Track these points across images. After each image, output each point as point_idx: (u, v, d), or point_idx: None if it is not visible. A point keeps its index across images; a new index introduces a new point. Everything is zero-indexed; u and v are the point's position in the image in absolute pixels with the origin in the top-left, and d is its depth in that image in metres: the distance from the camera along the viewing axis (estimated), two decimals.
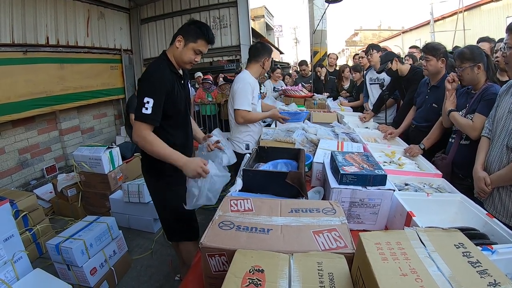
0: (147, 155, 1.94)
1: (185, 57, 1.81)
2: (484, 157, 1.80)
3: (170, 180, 1.94)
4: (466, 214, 1.47)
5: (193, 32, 1.79)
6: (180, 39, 1.79)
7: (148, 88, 1.71)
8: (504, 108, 1.70)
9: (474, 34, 11.88)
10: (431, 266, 0.69)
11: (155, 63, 1.82)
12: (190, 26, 1.81)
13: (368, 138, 2.75)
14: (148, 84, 1.72)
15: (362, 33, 32.56)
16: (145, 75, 1.77)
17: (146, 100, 1.67)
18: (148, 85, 1.72)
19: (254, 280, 0.75)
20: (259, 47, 2.71)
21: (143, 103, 1.67)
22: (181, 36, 1.79)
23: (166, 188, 1.99)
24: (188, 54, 1.81)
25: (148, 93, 1.69)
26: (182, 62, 1.84)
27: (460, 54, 2.03)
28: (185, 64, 1.85)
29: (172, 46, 1.83)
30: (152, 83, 1.72)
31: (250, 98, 2.58)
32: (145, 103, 1.67)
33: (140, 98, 1.69)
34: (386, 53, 3.39)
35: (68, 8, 5.15)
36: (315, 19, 6.80)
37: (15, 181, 4.30)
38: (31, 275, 2.05)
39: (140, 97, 1.70)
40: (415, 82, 3.01)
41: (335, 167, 1.52)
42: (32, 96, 4.34)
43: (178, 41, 1.79)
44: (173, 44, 1.82)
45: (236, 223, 1.02)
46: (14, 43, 4.18)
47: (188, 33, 1.79)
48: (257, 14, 18.60)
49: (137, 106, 1.69)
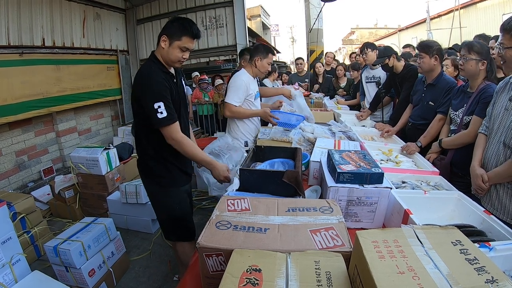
0: (142, 157, 1.97)
1: (172, 56, 1.79)
2: (481, 154, 1.80)
3: (164, 181, 1.97)
4: (463, 212, 1.47)
5: (176, 30, 1.76)
6: (164, 39, 1.77)
7: (152, 94, 1.71)
8: (500, 105, 1.71)
9: (470, 31, 11.90)
10: (428, 263, 0.69)
11: (147, 67, 1.81)
12: (173, 23, 1.78)
13: (365, 136, 2.76)
14: (151, 90, 1.72)
15: (358, 32, 32.62)
16: (142, 81, 1.76)
17: (156, 105, 1.69)
18: (151, 91, 1.72)
19: (251, 279, 0.74)
20: (253, 47, 2.81)
21: (155, 109, 1.69)
22: (165, 36, 1.76)
23: (159, 189, 2.01)
24: (174, 53, 1.78)
25: (155, 98, 1.70)
26: (170, 61, 1.82)
27: (469, 44, 2.03)
28: (174, 63, 1.83)
29: (159, 46, 1.81)
30: (153, 87, 1.72)
31: (242, 94, 2.63)
32: (157, 109, 1.69)
33: (149, 106, 1.69)
34: (385, 47, 3.39)
35: (63, 9, 5.13)
36: (311, 18, 6.80)
37: (13, 183, 4.27)
38: (29, 278, 2.03)
39: (149, 105, 1.70)
40: (409, 79, 3.04)
41: (332, 166, 1.52)
42: (28, 97, 4.32)
43: (163, 41, 1.77)
44: (159, 44, 1.80)
45: (233, 223, 1.02)
46: (10, 45, 4.16)
47: (171, 31, 1.76)
48: (253, 14, 18.61)
49: (151, 116, 1.71)
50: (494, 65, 2.02)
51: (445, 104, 2.35)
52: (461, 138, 2.06)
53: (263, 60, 2.69)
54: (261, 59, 2.68)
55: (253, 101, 2.75)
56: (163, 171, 1.93)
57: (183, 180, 2.07)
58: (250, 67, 2.74)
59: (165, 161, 1.94)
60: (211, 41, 6.95)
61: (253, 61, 2.70)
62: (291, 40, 34.09)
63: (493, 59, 2.02)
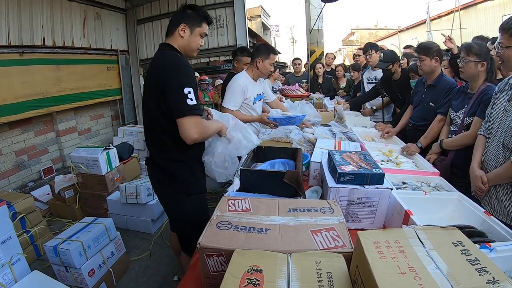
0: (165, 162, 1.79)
1: (194, 44, 1.77)
2: (480, 155, 1.80)
3: (191, 188, 1.84)
4: (464, 212, 1.47)
5: (195, 17, 1.74)
6: (184, 27, 1.71)
7: (182, 78, 1.59)
8: (499, 106, 1.71)
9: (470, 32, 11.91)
10: (429, 264, 0.69)
11: (172, 55, 1.70)
12: (187, 11, 1.74)
13: (366, 137, 2.76)
14: (182, 73, 1.61)
15: (358, 32, 32.65)
16: (171, 67, 1.62)
17: (187, 90, 1.56)
18: (182, 75, 1.60)
19: (252, 280, 0.74)
20: (254, 48, 2.74)
21: (185, 94, 1.55)
22: (184, 24, 1.71)
23: (186, 197, 1.83)
24: (196, 40, 1.77)
25: (186, 83, 1.58)
26: (190, 50, 1.78)
27: (468, 46, 2.03)
28: (193, 52, 1.80)
29: (174, 37, 1.75)
30: (184, 72, 1.62)
31: (239, 98, 2.58)
32: (187, 94, 1.56)
33: (179, 91, 1.56)
34: (391, 52, 3.37)
35: (64, 9, 5.12)
36: (312, 18, 6.81)
37: (12, 183, 4.27)
38: (29, 277, 2.03)
39: (179, 89, 1.56)
40: (407, 84, 3.06)
41: (333, 166, 1.52)
42: (28, 97, 4.31)
43: (182, 30, 1.72)
44: (174, 34, 1.74)
45: (234, 223, 1.02)
46: (10, 44, 4.15)
47: (190, 19, 1.73)
48: (254, 14, 18.63)
49: (179, 100, 1.56)
50: (494, 66, 2.02)
51: (445, 105, 2.36)
52: (462, 139, 2.06)
53: (264, 61, 2.60)
54: (262, 60, 2.60)
55: (251, 105, 2.70)
56: (190, 176, 1.80)
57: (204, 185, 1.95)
58: (251, 69, 2.68)
59: (192, 165, 1.82)
60: (211, 41, 6.94)
61: (254, 63, 2.63)
62: (291, 40, 34.14)
63: (493, 60, 2.02)
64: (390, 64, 3.20)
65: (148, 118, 1.79)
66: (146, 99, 1.79)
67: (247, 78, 2.65)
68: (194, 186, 1.85)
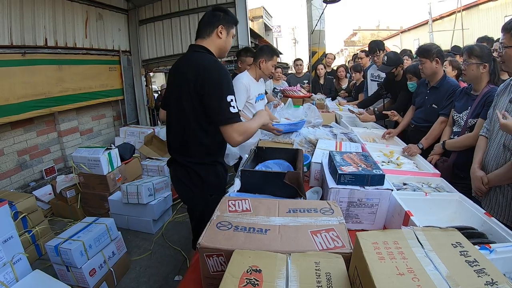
0: (196, 164, 1.78)
1: (228, 45, 1.83)
2: (481, 156, 1.80)
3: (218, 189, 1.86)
4: (464, 213, 1.47)
5: (230, 19, 1.78)
6: (221, 29, 1.75)
7: (227, 86, 1.62)
8: (501, 107, 1.71)
9: (472, 33, 11.92)
10: (428, 265, 0.69)
11: (213, 60, 1.70)
12: (223, 14, 1.77)
13: (367, 137, 2.76)
14: (225, 82, 1.63)
15: (360, 33, 32.60)
16: (211, 74, 1.62)
17: (229, 98, 1.60)
18: (226, 83, 1.63)
19: (251, 280, 0.75)
20: (258, 48, 2.76)
21: (227, 103, 1.59)
22: (221, 26, 1.74)
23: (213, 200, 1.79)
24: (230, 41, 1.83)
25: (229, 91, 1.61)
26: (225, 51, 1.82)
27: (469, 49, 2.04)
28: (226, 52, 1.85)
29: (211, 38, 1.76)
30: (226, 79, 1.64)
31: (243, 97, 2.60)
32: (229, 102, 1.59)
33: (223, 99, 1.58)
34: (395, 54, 3.35)
35: (66, 10, 5.14)
36: (313, 19, 6.79)
37: (14, 183, 4.28)
38: (30, 277, 2.04)
39: (222, 97, 1.59)
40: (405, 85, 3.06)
41: (333, 167, 1.52)
42: (30, 97, 4.33)
43: (220, 32, 1.74)
44: (211, 36, 1.75)
45: (234, 224, 1.02)
46: (12, 44, 4.17)
47: (226, 20, 1.76)
48: (256, 15, 18.59)
49: (222, 108, 1.59)
50: (497, 67, 2.02)
51: (448, 107, 2.35)
52: (465, 141, 2.06)
53: (267, 62, 2.65)
54: (266, 61, 2.64)
55: (253, 104, 2.72)
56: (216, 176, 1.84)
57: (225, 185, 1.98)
58: (254, 69, 2.71)
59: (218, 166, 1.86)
60: None
61: (258, 63, 2.66)
62: (293, 41, 34.12)
63: (496, 61, 2.02)
64: (394, 68, 3.20)
65: (175, 119, 1.80)
66: (174, 100, 1.78)
67: (249, 78, 2.69)
68: (220, 187, 1.89)
